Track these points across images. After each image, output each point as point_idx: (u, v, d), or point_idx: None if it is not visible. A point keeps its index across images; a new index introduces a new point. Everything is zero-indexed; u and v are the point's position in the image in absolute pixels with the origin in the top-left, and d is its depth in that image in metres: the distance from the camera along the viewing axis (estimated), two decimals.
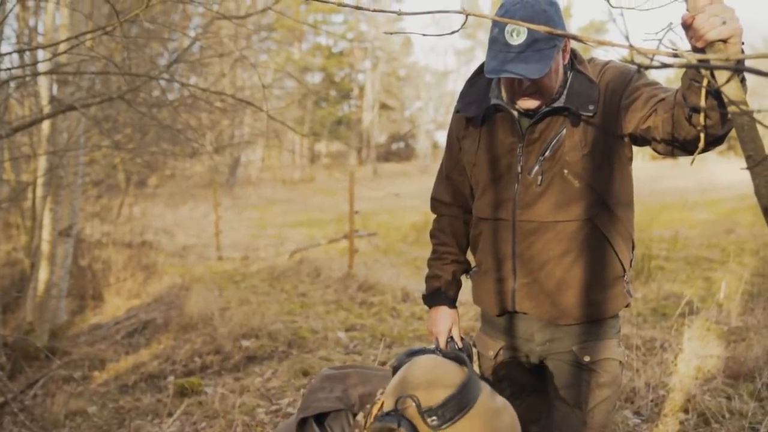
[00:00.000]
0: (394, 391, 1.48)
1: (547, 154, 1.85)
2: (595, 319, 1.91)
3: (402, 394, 1.46)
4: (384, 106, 39.82)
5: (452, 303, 2.12)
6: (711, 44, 1.32)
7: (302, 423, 1.62)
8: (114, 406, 4.56)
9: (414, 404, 1.44)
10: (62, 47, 4.52)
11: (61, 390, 4.94)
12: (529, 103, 1.82)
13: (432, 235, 2.18)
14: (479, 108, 1.94)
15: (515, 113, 1.88)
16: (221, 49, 7.67)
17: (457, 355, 1.53)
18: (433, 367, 1.50)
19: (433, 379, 1.47)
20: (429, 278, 2.14)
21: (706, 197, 16.20)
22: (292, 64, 32.98)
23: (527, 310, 1.94)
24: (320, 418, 1.63)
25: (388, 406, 1.48)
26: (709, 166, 22.89)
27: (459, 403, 1.44)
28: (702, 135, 1.44)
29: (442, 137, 42.22)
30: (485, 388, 1.49)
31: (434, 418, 1.43)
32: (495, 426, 1.46)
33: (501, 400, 1.50)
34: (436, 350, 1.58)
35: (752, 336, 4.56)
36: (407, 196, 14.79)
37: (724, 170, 20.57)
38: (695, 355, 4.27)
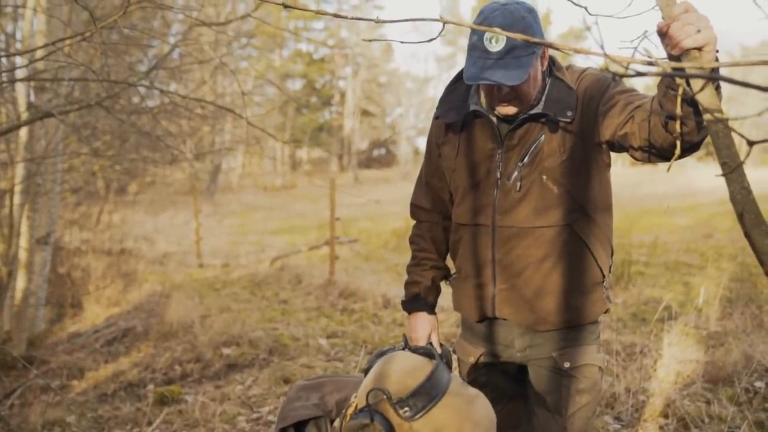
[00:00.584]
0: (366, 389, 1.50)
1: (526, 160, 1.87)
2: (574, 324, 1.92)
3: (373, 389, 1.48)
4: (365, 113, 39.88)
5: (431, 309, 2.12)
6: (686, 52, 1.33)
7: None
8: (93, 416, 4.50)
9: (385, 397, 1.46)
10: (39, 53, 4.48)
11: (39, 400, 4.87)
12: (508, 110, 1.83)
13: (411, 241, 2.18)
14: (459, 114, 1.95)
15: (494, 119, 1.89)
16: (201, 56, 7.64)
17: (426, 350, 1.55)
18: (402, 361, 1.52)
19: (402, 371, 1.49)
20: (408, 284, 2.14)
21: (685, 203, 16.39)
22: (272, 71, 32.95)
23: (507, 316, 1.94)
24: (299, 428, 1.63)
25: (362, 405, 1.49)
26: (688, 172, 23.16)
27: (429, 392, 1.46)
28: (678, 142, 1.46)
29: (423, 143, 42.10)
30: (456, 378, 1.52)
31: (406, 408, 1.45)
32: (468, 414, 1.48)
33: (474, 390, 1.53)
34: (405, 348, 1.60)
35: (731, 341, 4.61)
36: (388, 203, 14.81)
37: (703, 176, 20.82)
38: (675, 360, 4.30)
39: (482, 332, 2.03)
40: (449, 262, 2.15)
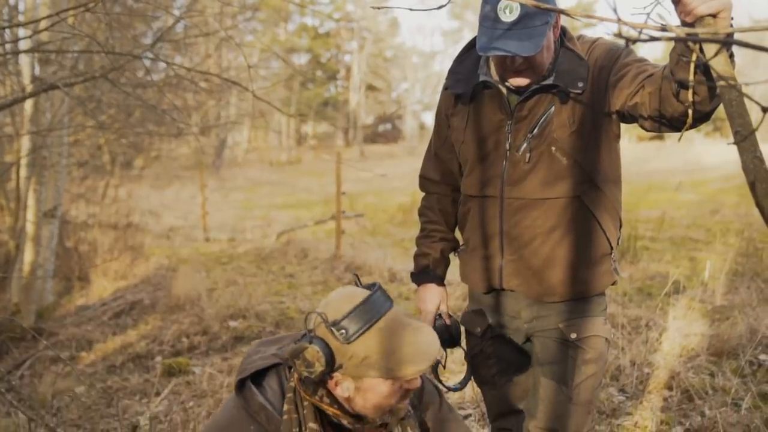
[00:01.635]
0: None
1: (535, 131, 1.85)
2: (581, 296, 1.92)
3: (312, 313, 1.55)
4: (371, 87, 39.66)
5: (440, 281, 2.12)
6: (700, 19, 1.31)
7: (240, 386, 1.65)
8: (102, 387, 4.56)
9: (321, 320, 1.52)
10: (43, 24, 4.45)
11: (49, 371, 4.93)
12: (520, 81, 1.81)
13: (420, 213, 2.17)
14: (468, 85, 1.93)
15: (504, 90, 1.88)
16: (206, 28, 7.59)
17: (371, 284, 1.60)
18: (343, 289, 1.60)
19: (341, 297, 1.56)
20: (417, 256, 2.14)
21: (692, 178, 16.31)
22: (278, 45, 32.73)
23: (514, 287, 1.94)
24: (259, 380, 1.67)
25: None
26: (695, 147, 23.01)
27: (365, 314, 1.51)
28: (690, 111, 1.44)
29: (429, 118, 42.18)
30: (398, 309, 1.58)
31: (342, 330, 1.50)
32: (406, 338, 1.53)
33: (419, 323, 1.59)
34: (355, 277, 1.68)
35: (736, 314, 4.61)
36: (394, 178, 14.79)
37: (710, 151, 20.71)
38: (680, 334, 4.32)
39: (489, 304, 2.04)
40: (458, 234, 2.14)
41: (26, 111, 6.40)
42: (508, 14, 1.67)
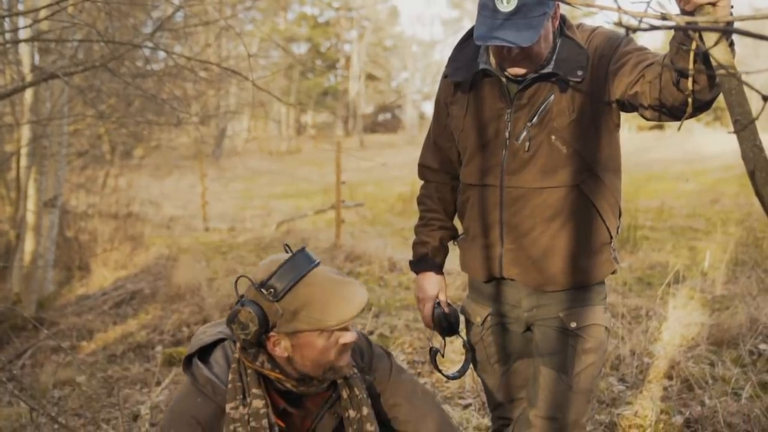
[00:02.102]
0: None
1: (535, 120, 1.85)
2: (581, 285, 1.92)
3: (241, 277, 1.65)
4: (370, 77, 39.54)
5: (439, 269, 2.12)
6: (700, 7, 1.31)
7: (188, 363, 1.73)
8: (102, 376, 4.57)
9: (250, 283, 1.61)
10: (43, 13, 4.44)
11: (49, 360, 4.95)
12: (518, 70, 1.81)
13: (419, 202, 2.17)
14: (467, 73, 1.92)
15: (503, 79, 1.87)
16: (206, 17, 7.56)
17: (299, 249, 1.68)
18: (271, 256, 1.69)
19: (268, 262, 1.66)
20: (416, 245, 2.14)
21: (692, 168, 16.30)
22: (277, 34, 32.59)
23: (514, 276, 1.95)
24: (206, 357, 1.75)
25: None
26: (695, 137, 22.99)
27: (290, 272, 1.60)
28: (690, 100, 1.44)
29: (428, 108, 42.07)
30: (326, 267, 1.67)
31: (271, 289, 1.58)
32: (334, 290, 1.61)
33: (346, 277, 1.67)
34: (285, 247, 1.75)
35: (736, 304, 4.62)
36: (394, 167, 14.76)
37: (710, 141, 20.68)
38: (680, 323, 4.33)
39: (489, 292, 2.04)
40: (457, 222, 2.14)
41: (26, 100, 6.38)
42: (506, 4, 1.67)
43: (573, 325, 1.91)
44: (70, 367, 4.73)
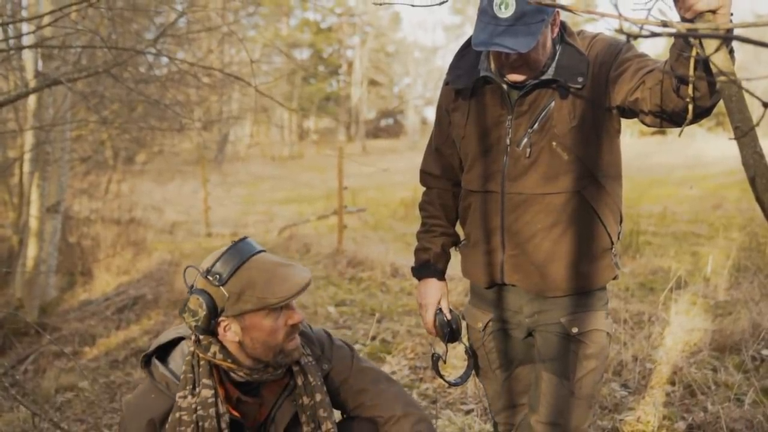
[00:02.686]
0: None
1: (535, 126, 1.86)
2: (582, 290, 1.92)
3: (188, 268, 1.73)
4: (373, 82, 39.61)
5: (441, 275, 2.13)
6: (700, 15, 1.32)
7: (147, 363, 1.82)
8: (105, 381, 4.57)
9: (198, 272, 1.70)
10: (46, 20, 4.45)
11: (52, 365, 4.95)
12: (516, 76, 1.82)
13: (421, 208, 2.18)
14: (468, 80, 1.93)
15: (504, 85, 1.88)
16: (209, 23, 7.58)
17: (241, 238, 1.76)
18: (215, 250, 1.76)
19: (212, 253, 1.75)
20: (418, 251, 2.15)
21: (694, 173, 16.29)
22: (280, 40, 32.68)
23: (516, 282, 1.95)
24: (165, 358, 1.83)
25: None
26: (697, 143, 22.97)
27: (233, 257, 1.68)
28: (690, 106, 1.44)
29: (430, 113, 42.10)
30: (269, 254, 1.75)
31: (216, 275, 1.67)
32: (275, 270, 1.70)
33: (286, 260, 1.76)
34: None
35: (739, 309, 4.62)
36: (396, 173, 14.80)
37: (713, 146, 20.66)
38: (682, 329, 4.32)
39: (491, 298, 2.04)
40: (459, 229, 2.15)
41: (30, 106, 6.41)
42: (504, 10, 1.68)
43: (574, 330, 1.91)
44: (73, 372, 4.73)
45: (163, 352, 1.84)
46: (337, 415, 1.92)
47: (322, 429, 1.82)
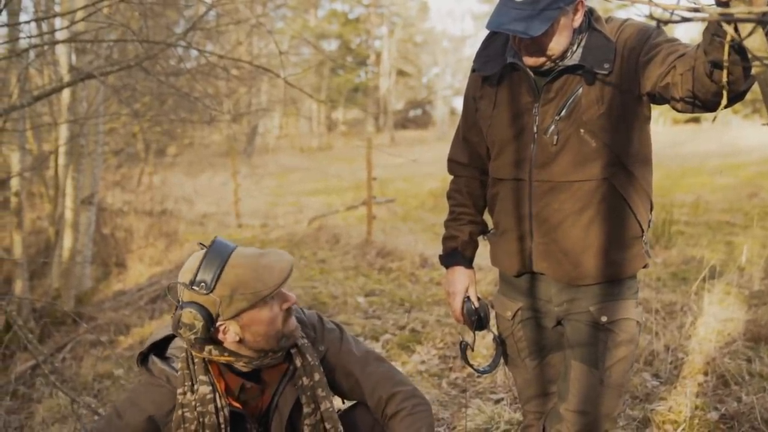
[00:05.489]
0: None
1: (563, 113, 1.84)
2: (612, 279, 1.91)
3: (170, 286, 1.73)
4: (401, 73, 39.46)
5: (469, 263, 2.13)
6: None
7: (144, 361, 1.84)
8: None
9: (181, 287, 1.67)
10: (79, 15, 4.53)
11: (89, 354, 5.06)
12: (532, 61, 1.82)
13: (449, 197, 2.18)
14: (495, 67, 1.93)
15: (531, 72, 1.87)
16: (237, 16, 7.63)
17: (212, 240, 1.74)
18: (189, 257, 1.74)
19: (188, 263, 1.71)
20: (446, 239, 2.15)
21: (729, 161, 15.97)
22: (308, 32, 32.74)
23: (544, 270, 1.94)
24: (162, 354, 1.85)
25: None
26: (732, 130, 22.48)
27: (213, 262, 1.66)
28: (724, 91, 1.42)
29: (459, 104, 41.75)
30: (241, 247, 1.74)
31: (202, 284, 1.64)
32: (258, 262, 1.69)
33: (262, 250, 1.75)
34: (200, 246, 1.79)
35: None
36: (425, 163, 14.76)
37: (748, 134, 20.22)
38: (715, 319, 4.26)
39: (520, 287, 2.04)
40: (487, 217, 2.14)
41: (64, 100, 6.53)
42: None
43: (604, 319, 1.90)
44: (109, 360, 4.84)
45: (159, 349, 1.86)
46: (338, 402, 1.93)
47: (321, 408, 1.83)
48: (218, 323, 1.67)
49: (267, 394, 1.85)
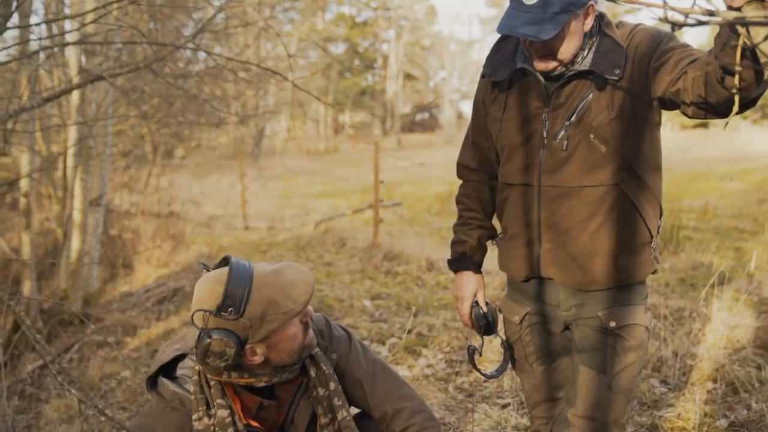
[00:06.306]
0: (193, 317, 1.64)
1: (573, 118, 1.84)
2: (621, 284, 1.90)
3: (194, 313, 1.61)
4: (408, 76, 39.51)
5: (477, 268, 2.12)
6: (748, 2, 1.29)
7: (153, 384, 1.76)
8: (146, 371, 4.65)
9: (208, 314, 1.59)
10: (89, 17, 4.55)
11: (96, 354, 5.07)
12: (542, 65, 1.81)
13: (458, 201, 2.17)
14: (505, 72, 1.92)
15: (541, 77, 1.86)
16: (246, 18, 7.65)
17: (221, 260, 1.68)
18: (204, 279, 1.66)
19: (208, 286, 1.63)
20: (454, 243, 2.14)
21: (738, 166, 15.91)
22: (315, 35, 32.81)
23: (552, 275, 1.93)
24: (172, 374, 1.78)
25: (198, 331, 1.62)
26: (741, 136, 22.40)
27: (238, 286, 1.59)
28: (736, 97, 1.41)
29: (466, 107, 41.86)
30: (259, 264, 1.68)
31: (230, 310, 1.58)
32: (282, 280, 1.65)
33: (278, 264, 1.70)
34: (203, 267, 1.73)
35: None
36: (432, 167, 14.77)
37: (758, 139, 20.14)
38: (724, 325, 4.23)
39: (528, 291, 2.03)
40: (496, 222, 2.14)
41: (73, 102, 6.56)
42: None
43: (612, 324, 1.89)
44: (116, 361, 4.85)
45: (167, 370, 1.79)
46: (353, 411, 1.90)
47: (338, 418, 1.80)
48: (246, 347, 1.62)
49: (282, 410, 1.81)
